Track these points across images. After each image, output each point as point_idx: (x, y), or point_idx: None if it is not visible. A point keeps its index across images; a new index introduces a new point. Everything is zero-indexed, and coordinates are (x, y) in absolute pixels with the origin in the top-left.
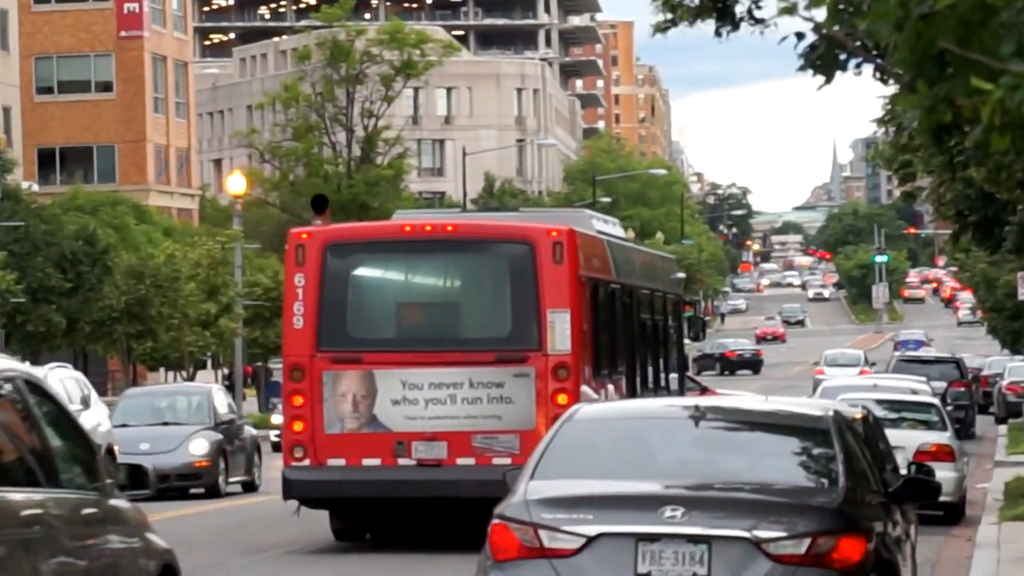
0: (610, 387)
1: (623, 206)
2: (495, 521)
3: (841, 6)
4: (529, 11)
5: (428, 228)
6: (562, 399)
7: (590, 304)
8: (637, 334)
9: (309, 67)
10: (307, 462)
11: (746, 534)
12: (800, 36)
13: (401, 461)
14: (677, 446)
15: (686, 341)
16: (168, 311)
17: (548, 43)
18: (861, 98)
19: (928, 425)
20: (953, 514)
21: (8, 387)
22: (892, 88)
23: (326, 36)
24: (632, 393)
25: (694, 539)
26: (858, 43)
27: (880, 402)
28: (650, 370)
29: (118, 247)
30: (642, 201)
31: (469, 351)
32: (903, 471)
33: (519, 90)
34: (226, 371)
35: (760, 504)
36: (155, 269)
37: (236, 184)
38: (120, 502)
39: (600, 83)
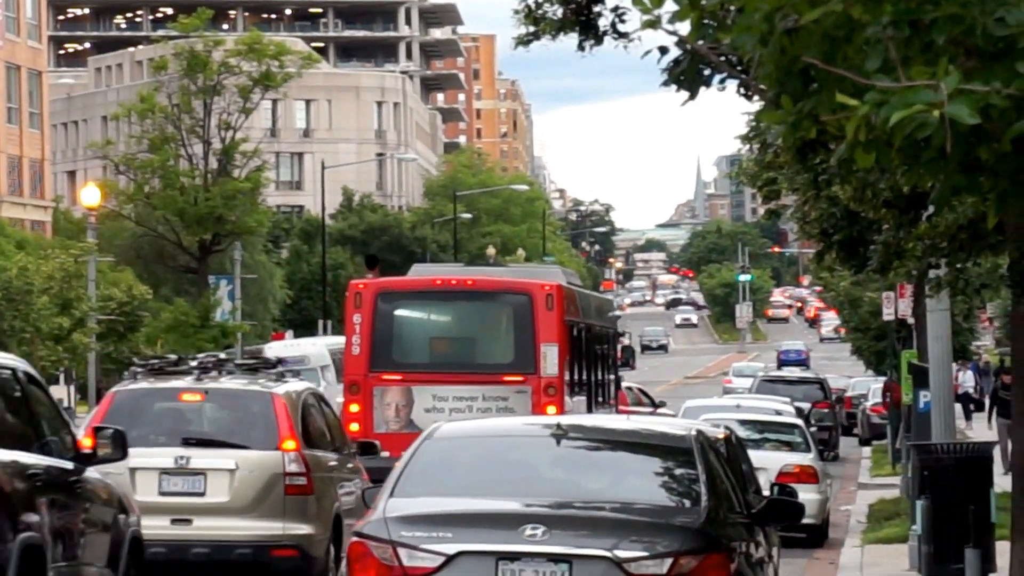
0: (578, 399)
1: (484, 222)
2: (353, 539)
3: (705, 20)
4: (390, 23)
5: (454, 282)
6: (551, 410)
7: (569, 339)
8: (593, 360)
9: (166, 78)
10: None
11: (607, 553)
12: (664, 50)
13: None
14: (538, 464)
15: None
16: (20, 325)
17: (409, 56)
18: (725, 115)
19: (791, 446)
20: (816, 536)
21: (312, 398)
22: (757, 104)
23: (183, 46)
24: (590, 406)
25: (554, 558)
26: (723, 58)
27: (744, 422)
28: (599, 388)
29: None
30: (503, 217)
31: (482, 373)
32: (766, 492)
33: (379, 103)
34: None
35: (621, 523)
36: (7, 282)
37: (90, 196)
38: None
39: (462, 97)
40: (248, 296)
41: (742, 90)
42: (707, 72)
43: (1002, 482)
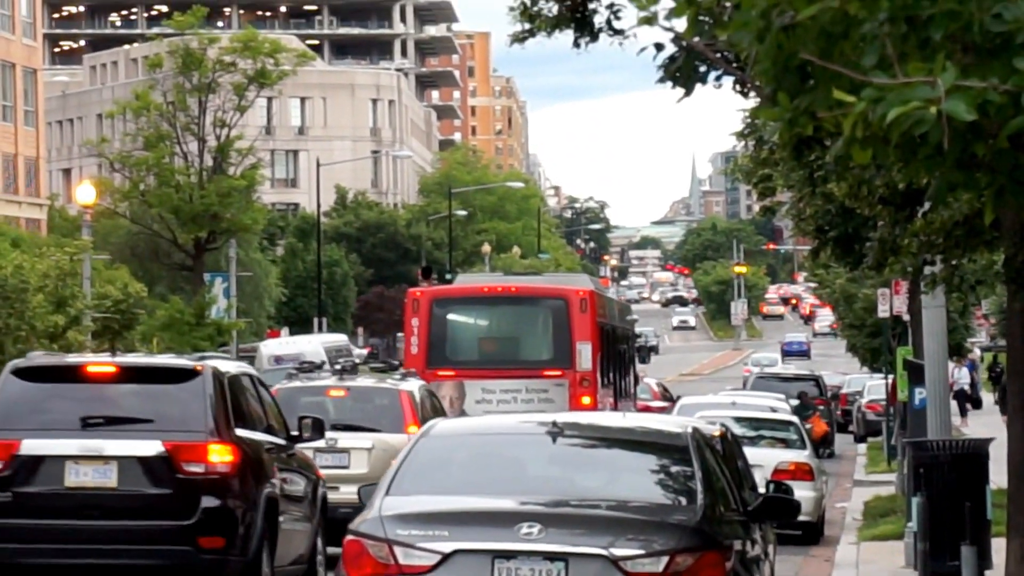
0: (607, 391)
1: (479, 219)
2: (349, 537)
3: (701, 16)
4: (385, 20)
5: (499, 289)
6: (585, 400)
7: (600, 338)
8: (618, 357)
9: (161, 75)
10: None
11: (603, 551)
12: (659, 47)
13: None
14: (534, 462)
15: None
16: (15, 323)
17: (404, 53)
18: (721, 111)
19: (787, 443)
20: (812, 533)
21: (426, 393)
22: (753, 101)
23: (178, 44)
24: (616, 397)
25: (551, 556)
26: (719, 54)
27: (739, 419)
28: (622, 382)
29: None
30: (499, 214)
31: (525, 369)
32: (761, 489)
33: (374, 100)
34: None
35: (617, 521)
36: (2, 280)
37: (85, 194)
38: None
39: (456, 94)
40: (243, 294)
41: (738, 87)
42: (703, 69)
43: (998, 478)
